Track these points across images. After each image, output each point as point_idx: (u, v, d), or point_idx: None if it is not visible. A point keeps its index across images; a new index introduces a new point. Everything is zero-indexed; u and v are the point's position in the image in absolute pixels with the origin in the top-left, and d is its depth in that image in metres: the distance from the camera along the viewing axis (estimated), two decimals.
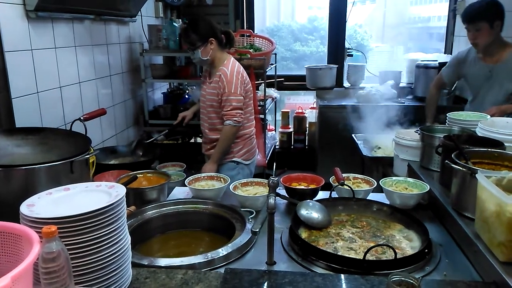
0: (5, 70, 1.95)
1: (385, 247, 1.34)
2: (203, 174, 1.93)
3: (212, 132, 2.70)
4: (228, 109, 2.53)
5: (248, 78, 2.69)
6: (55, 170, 1.41)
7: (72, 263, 0.94)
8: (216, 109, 2.63)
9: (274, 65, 4.22)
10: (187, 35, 2.60)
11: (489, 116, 2.05)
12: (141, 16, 3.48)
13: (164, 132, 3.06)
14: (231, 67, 2.58)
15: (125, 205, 1.09)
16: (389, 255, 1.30)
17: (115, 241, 1.04)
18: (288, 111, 5.01)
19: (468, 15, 2.67)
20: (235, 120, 2.53)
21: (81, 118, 2.12)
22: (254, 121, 2.83)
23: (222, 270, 1.24)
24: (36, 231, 0.92)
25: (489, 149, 1.56)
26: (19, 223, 0.97)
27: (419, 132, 2.02)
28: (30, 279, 0.87)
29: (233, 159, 2.69)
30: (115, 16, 3.02)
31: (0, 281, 0.73)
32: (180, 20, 3.62)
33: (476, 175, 1.27)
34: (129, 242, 1.12)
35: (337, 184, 1.73)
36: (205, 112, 2.71)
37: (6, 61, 1.94)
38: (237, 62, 2.68)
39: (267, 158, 3.84)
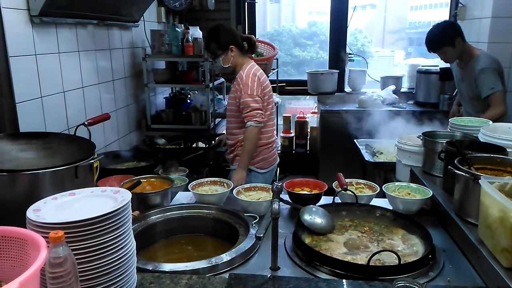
0: (9, 75, 1.96)
1: (388, 252, 1.35)
2: (206, 179, 1.92)
3: (230, 137, 2.70)
4: (248, 110, 2.48)
5: (267, 82, 2.65)
6: (60, 175, 1.42)
7: (79, 268, 0.94)
8: (234, 112, 2.62)
9: (276, 70, 4.23)
10: (208, 44, 2.62)
11: (491, 122, 2.06)
12: (144, 21, 3.50)
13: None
14: (247, 70, 2.56)
15: (131, 210, 1.10)
16: (392, 260, 1.31)
17: (121, 246, 1.04)
18: (290, 116, 5.02)
19: (430, 45, 3.00)
20: (255, 120, 2.46)
21: (86, 123, 2.13)
22: (273, 128, 2.75)
23: (226, 275, 1.25)
24: (42, 236, 0.92)
25: (492, 155, 1.56)
26: (24, 228, 0.98)
27: (421, 137, 2.03)
28: (37, 284, 0.87)
29: None
30: (118, 21, 3.04)
31: (8, 286, 0.74)
32: (183, 25, 3.63)
33: (480, 181, 1.28)
34: (134, 247, 1.12)
35: (340, 189, 1.73)
36: (227, 117, 2.72)
37: (11, 66, 1.96)
38: (256, 65, 2.65)
39: None
